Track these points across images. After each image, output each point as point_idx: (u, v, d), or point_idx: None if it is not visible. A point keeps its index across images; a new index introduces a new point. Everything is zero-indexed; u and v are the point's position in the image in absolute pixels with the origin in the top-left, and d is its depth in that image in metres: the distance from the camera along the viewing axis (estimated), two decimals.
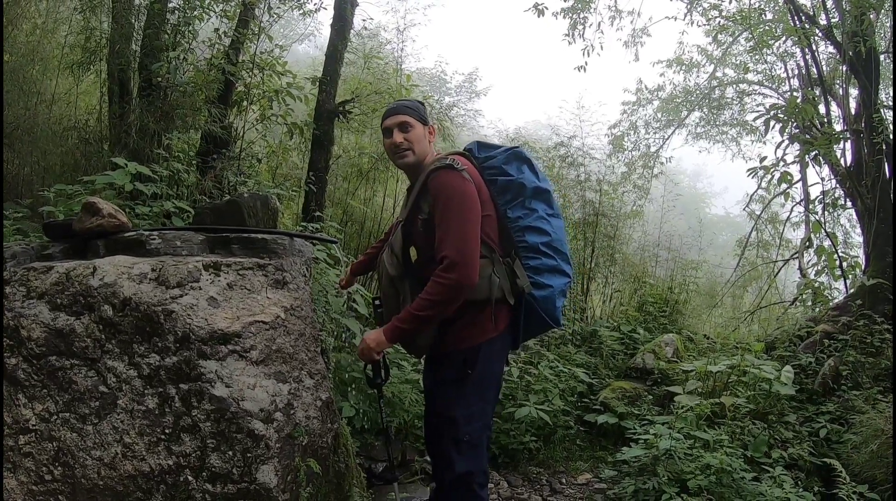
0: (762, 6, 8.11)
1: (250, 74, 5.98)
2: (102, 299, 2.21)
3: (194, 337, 2.17)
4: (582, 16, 8.78)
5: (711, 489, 3.44)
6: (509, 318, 2.38)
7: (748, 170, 7.68)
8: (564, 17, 8.76)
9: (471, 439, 2.31)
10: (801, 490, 3.54)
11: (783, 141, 7.67)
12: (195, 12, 5.69)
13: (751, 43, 8.98)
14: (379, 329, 2.32)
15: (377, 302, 2.57)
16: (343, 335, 4.06)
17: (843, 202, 7.59)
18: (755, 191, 9.77)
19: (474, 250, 2.19)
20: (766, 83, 10.41)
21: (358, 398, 3.91)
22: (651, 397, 5.08)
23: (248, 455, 2.11)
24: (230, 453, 2.10)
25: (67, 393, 2.16)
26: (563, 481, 4.30)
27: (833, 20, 7.02)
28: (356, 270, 2.95)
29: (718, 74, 11.04)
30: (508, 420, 4.54)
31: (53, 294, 2.26)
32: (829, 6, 7.12)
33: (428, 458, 4.05)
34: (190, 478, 2.08)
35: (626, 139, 11.37)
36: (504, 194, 2.40)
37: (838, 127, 7.39)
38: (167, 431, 2.11)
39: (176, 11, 5.77)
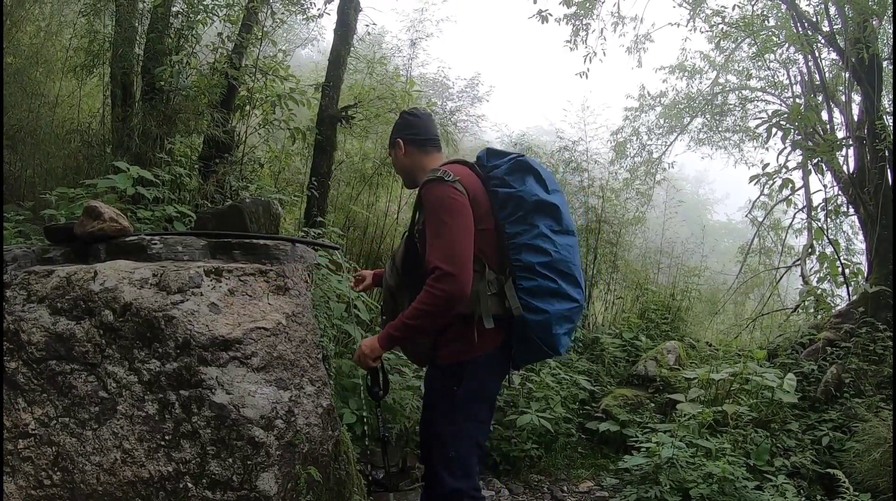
0: (765, 13, 8.11)
1: (253, 78, 5.99)
2: (103, 303, 2.21)
3: (195, 343, 2.17)
4: (584, 22, 8.76)
5: (714, 497, 3.42)
6: (501, 339, 2.24)
7: (751, 177, 7.69)
8: (567, 24, 8.75)
9: (458, 455, 2.23)
10: (803, 498, 3.55)
11: (785, 148, 7.68)
12: (198, 16, 5.70)
13: (753, 49, 8.99)
14: (375, 336, 2.32)
15: (384, 317, 2.54)
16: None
17: (845, 209, 7.57)
18: (757, 197, 9.74)
19: (466, 260, 2.09)
20: (768, 90, 10.40)
21: (359, 404, 3.90)
22: (653, 404, 5.06)
23: (249, 462, 2.10)
24: (230, 460, 2.09)
25: (67, 398, 2.15)
26: (565, 489, 4.28)
27: (836, 27, 7.02)
28: (377, 281, 2.79)
29: (721, 80, 11.01)
30: (510, 428, 4.52)
31: (54, 298, 2.25)
32: (831, 13, 7.12)
33: None
34: (189, 485, 2.06)
35: (628, 145, 11.35)
36: (503, 208, 2.23)
37: (841, 134, 7.38)
38: (167, 437, 2.10)
39: (179, 15, 5.78)
